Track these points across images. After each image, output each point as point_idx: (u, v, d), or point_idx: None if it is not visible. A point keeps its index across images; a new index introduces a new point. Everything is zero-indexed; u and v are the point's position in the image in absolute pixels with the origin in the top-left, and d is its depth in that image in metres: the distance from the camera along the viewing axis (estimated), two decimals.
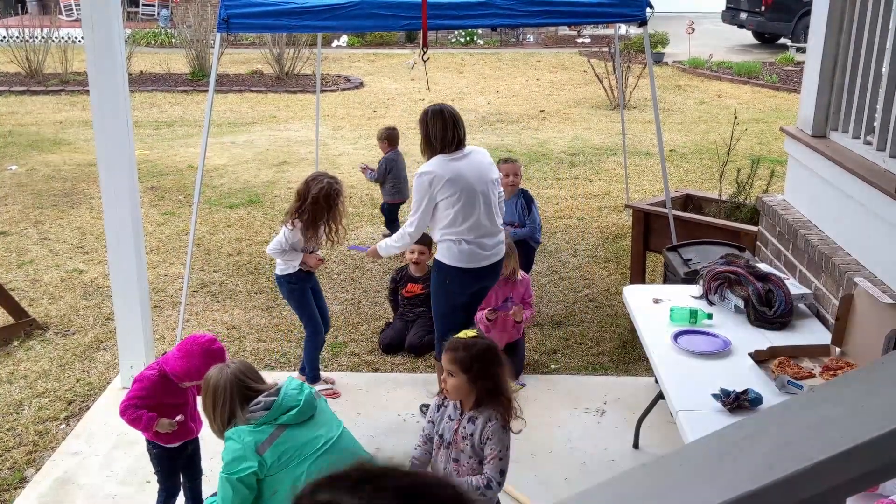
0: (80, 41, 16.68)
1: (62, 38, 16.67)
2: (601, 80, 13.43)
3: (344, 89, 15.13)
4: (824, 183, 4.29)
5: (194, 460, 3.66)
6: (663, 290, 4.36)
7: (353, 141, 11.16)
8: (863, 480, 1.27)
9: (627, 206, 7.43)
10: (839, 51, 4.35)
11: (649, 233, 5.88)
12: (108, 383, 4.95)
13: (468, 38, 20.68)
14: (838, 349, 3.56)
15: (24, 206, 8.34)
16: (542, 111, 13.18)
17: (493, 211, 4.27)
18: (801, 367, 3.40)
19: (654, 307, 4.10)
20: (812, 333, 3.83)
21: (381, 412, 4.63)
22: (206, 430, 3.24)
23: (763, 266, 4.37)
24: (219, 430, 3.02)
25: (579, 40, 21.27)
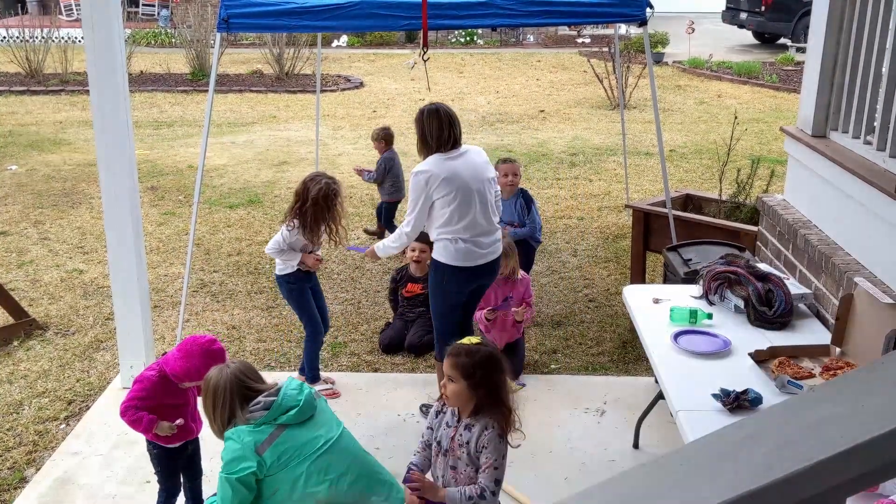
0: (80, 41, 16.69)
1: (62, 38, 16.68)
2: (601, 80, 13.43)
3: (344, 89, 15.13)
4: (824, 183, 4.30)
5: (194, 460, 3.66)
6: (663, 290, 4.36)
7: (353, 141, 11.17)
8: (862, 480, 1.27)
9: (627, 206, 7.43)
10: (839, 51, 4.35)
11: (649, 233, 5.88)
12: (108, 383, 4.95)
13: (468, 38, 20.69)
14: (838, 349, 3.56)
15: (24, 206, 8.35)
16: (542, 111, 13.19)
17: (490, 209, 4.28)
18: (801, 367, 3.40)
19: (654, 307, 4.10)
20: (812, 333, 3.83)
21: (381, 412, 4.63)
22: (206, 430, 3.24)
23: (763, 266, 4.37)
24: (219, 430, 3.02)
25: (579, 40, 21.28)
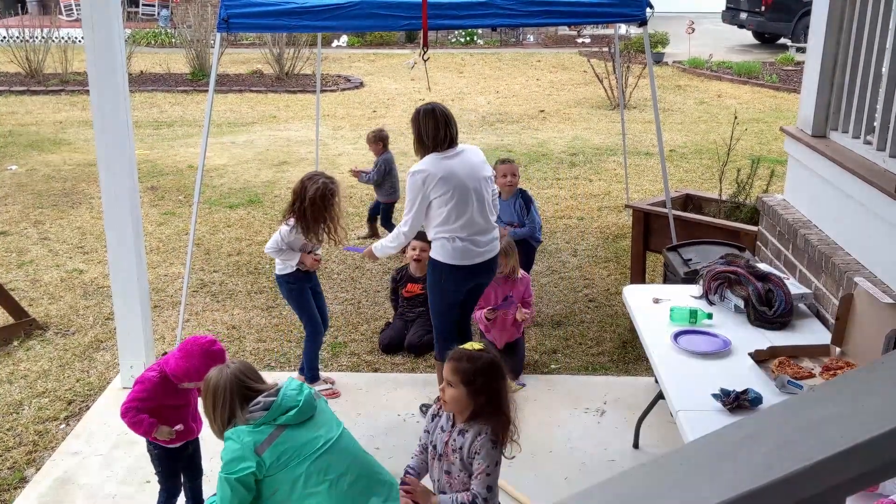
0: (80, 41, 16.69)
1: (62, 38, 16.68)
2: (601, 80, 13.43)
3: (344, 89, 15.13)
4: (824, 183, 4.29)
5: (195, 460, 3.66)
6: (663, 290, 4.36)
7: (353, 141, 11.16)
8: (862, 480, 1.27)
9: (627, 206, 7.43)
10: (839, 50, 4.35)
11: (649, 233, 5.88)
12: (108, 383, 4.95)
13: (468, 38, 20.69)
14: (838, 349, 3.56)
15: (24, 206, 8.35)
16: (542, 111, 13.18)
17: (487, 208, 4.28)
18: (801, 367, 3.40)
19: (654, 307, 4.10)
20: (812, 333, 3.83)
21: (381, 412, 4.63)
22: (206, 430, 3.23)
23: (763, 266, 4.37)
24: (219, 430, 3.02)
25: (579, 40, 21.28)
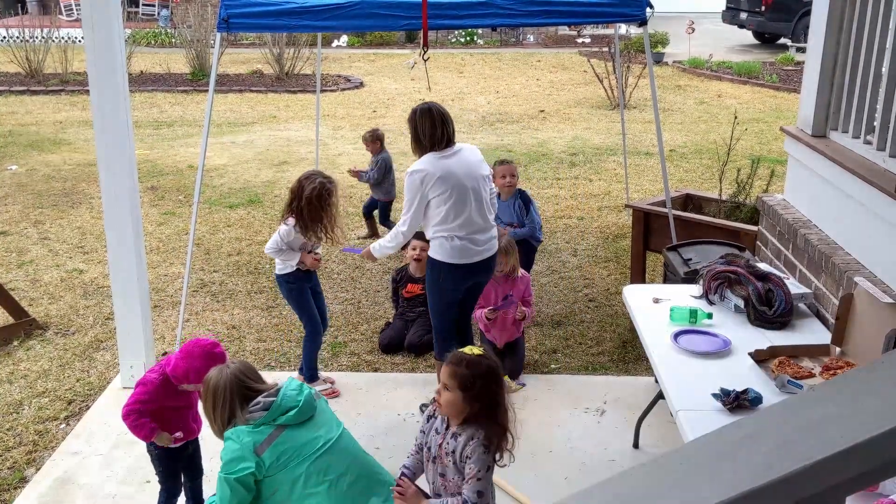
0: (80, 41, 16.69)
1: (62, 38, 16.69)
2: (601, 80, 13.43)
3: (344, 89, 15.14)
4: (824, 183, 4.29)
5: (195, 460, 3.66)
6: (663, 290, 4.36)
7: (353, 141, 11.15)
8: (862, 479, 1.27)
9: (627, 205, 7.43)
10: (839, 50, 4.35)
11: (649, 233, 5.88)
12: (108, 383, 4.95)
13: (468, 38, 20.69)
14: (838, 349, 3.56)
15: (24, 206, 8.35)
16: (542, 111, 13.18)
17: (485, 207, 4.29)
18: (801, 367, 3.40)
19: (654, 307, 4.10)
20: (812, 333, 3.83)
21: (381, 412, 4.63)
22: (206, 430, 3.23)
23: (763, 266, 4.37)
24: (219, 430, 3.02)
25: (579, 40, 21.29)
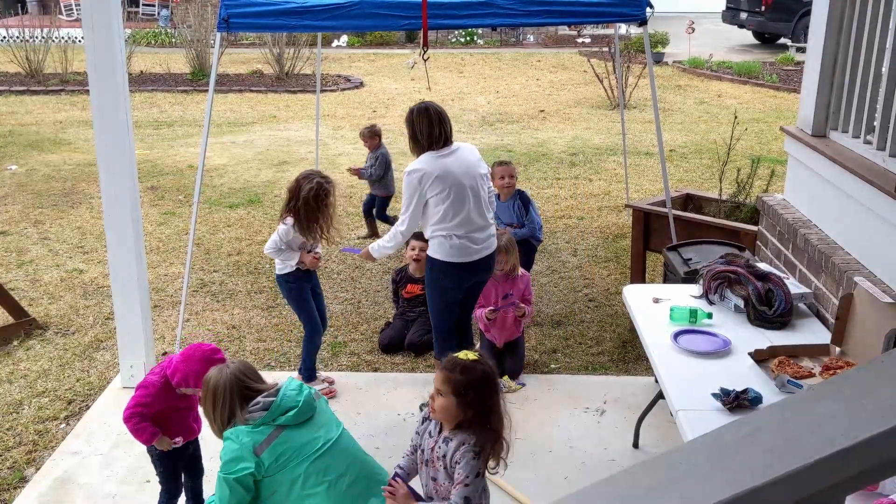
0: (80, 41, 16.69)
1: (62, 38, 16.69)
2: (601, 80, 13.43)
3: (344, 89, 15.14)
4: (824, 182, 4.29)
5: (196, 460, 3.65)
6: (663, 290, 4.36)
7: (353, 141, 11.15)
8: (862, 478, 1.27)
9: (627, 205, 7.43)
10: (839, 50, 4.35)
11: (649, 232, 5.87)
12: (108, 383, 4.95)
13: (468, 38, 20.69)
14: (838, 348, 3.56)
15: (24, 205, 8.34)
16: (542, 111, 13.18)
17: (483, 206, 4.30)
18: (800, 367, 3.40)
19: (654, 307, 4.10)
20: (812, 333, 3.83)
21: (381, 412, 4.62)
22: (206, 430, 3.23)
23: (763, 265, 4.37)
24: (218, 430, 3.02)
25: (579, 40, 21.29)
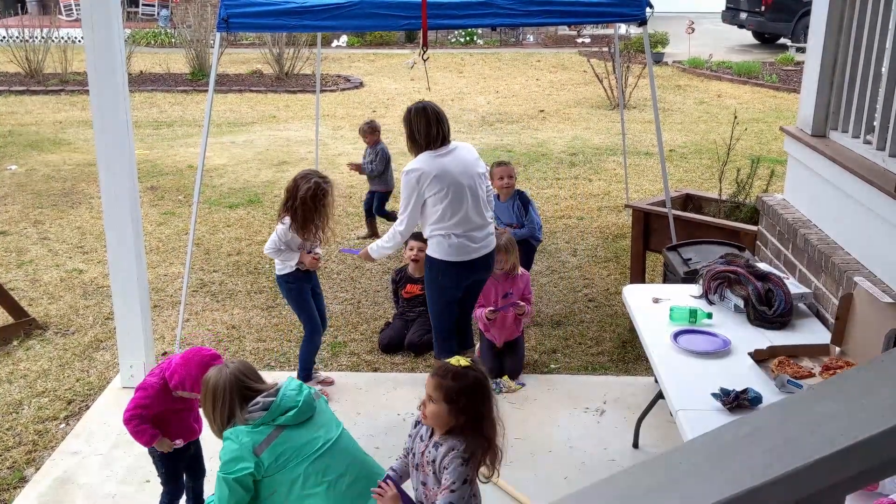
0: (80, 41, 16.69)
1: (62, 38, 16.69)
2: (601, 80, 13.43)
3: (344, 89, 15.14)
4: (824, 182, 4.29)
5: (197, 460, 3.65)
6: (663, 290, 4.36)
7: (353, 141, 11.15)
8: (862, 478, 1.27)
9: (627, 205, 7.43)
10: (839, 51, 4.35)
11: (649, 232, 5.87)
12: (108, 383, 4.94)
13: (468, 38, 20.69)
14: (838, 348, 3.56)
15: (23, 205, 8.34)
16: (542, 111, 13.18)
17: (481, 204, 4.30)
18: (800, 367, 3.40)
19: (654, 307, 4.10)
20: (812, 333, 3.83)
21: (380, 412, 4.62)
22: (206, 430, 3.23)
23: (763, 265, 4.37)
24: (218, 430, 3.02)
25: (579, 40, 21.29)
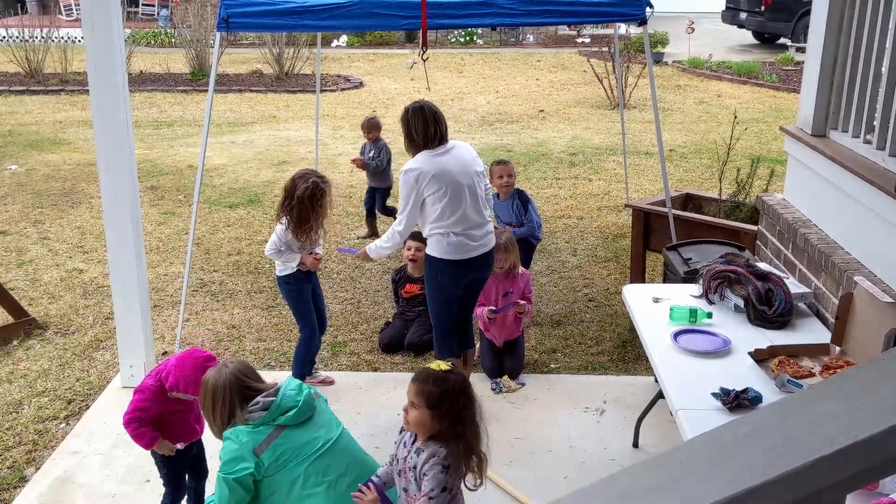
0: (80, 41, 16.68)
1: (62, 38, 16.69)
2: (601, 80, 13.43)
3: (344, 89, 15.14)
4: (824, 182, 4.30)
5: (200, 461, 3.65)
6: (663, 290, 4.36)
7: (353, 141, 11.15)
8: (862, 477, 1.27)
9: (627, 205, 7.43)
10: (839, 50, 4.35)
11: (649, 232, 5.87)
12: (108, 383, 4.94)
13: (468, 38, 20.69)
14: (838, 348, 3.56)
15: (23, 205, 8.34)
16: (542, 111, 13.18)
17: (480, 203, 4.31)
18: (800, 366, 3.40)
19: (654, 306, 4.10)
20: (812, 332, 3.83)
21: (380, 412, 4.62)
22: (207, 431, 3.23)
23: (763, 265, 4.37)
24: (218, 430, 3.01)
25: (579, 40, 21.29)
